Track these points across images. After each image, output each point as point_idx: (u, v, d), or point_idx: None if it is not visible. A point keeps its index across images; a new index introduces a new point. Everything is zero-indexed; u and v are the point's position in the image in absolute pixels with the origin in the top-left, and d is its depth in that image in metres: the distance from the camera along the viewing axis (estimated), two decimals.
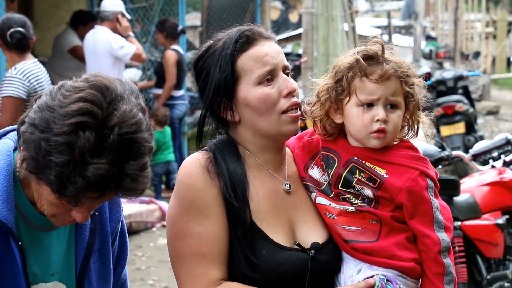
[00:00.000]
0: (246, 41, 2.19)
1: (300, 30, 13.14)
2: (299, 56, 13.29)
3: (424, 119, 2.30)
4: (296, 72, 12.78)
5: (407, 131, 2.29)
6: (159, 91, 9.44)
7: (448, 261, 2.17)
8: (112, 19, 8.05)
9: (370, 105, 2.20)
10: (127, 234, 2.25)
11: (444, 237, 2.17)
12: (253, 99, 2.17)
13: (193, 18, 20.21)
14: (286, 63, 2.23)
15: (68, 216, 1.89)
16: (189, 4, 18.76)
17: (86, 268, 2.05)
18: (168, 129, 9.09)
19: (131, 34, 8.25)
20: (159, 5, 10.77)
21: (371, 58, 2.21)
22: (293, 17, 25.40)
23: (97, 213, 2.07)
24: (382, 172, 2.18)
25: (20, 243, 1.92)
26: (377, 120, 2.18)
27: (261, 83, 2.17)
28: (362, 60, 2.20)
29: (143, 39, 11.01)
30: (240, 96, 2.18)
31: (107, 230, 2.12)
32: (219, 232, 2.13)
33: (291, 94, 2.18)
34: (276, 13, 24.18)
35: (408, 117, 2.27)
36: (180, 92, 9.48)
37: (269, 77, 2.17)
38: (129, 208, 7.55)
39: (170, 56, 9.21)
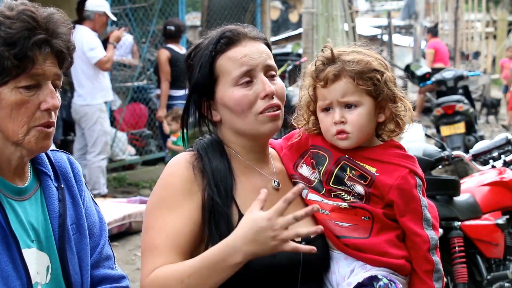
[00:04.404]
0: (227, 42, 2.19)
1: (300, 30, 13.15)
2: (299, 56, 13.30)
3: (402, 111, 2.27)
4: (296, 72, 12.77)
5: (390, 126, 2.29)
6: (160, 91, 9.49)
7: (436, 258, 2.21)
8: (93, 19, 8.11)
9: (328, 109, 2.25)
10: (100, 211, 2.31)
11: (432, 235, 2.21)
12: (229, 100, 2.18)
13: (193, 18, 20.24)
14: (269, 63, 2.21)
15: (42, 116, 1.98)
16: (189, 4, 18.77)
17: (64, 237, 2.10)
18: None
19: (114, 43, 8.28)
20: (158, 5, 10.77)
21: (323, 64, 2.25)
22: (293, 17, 25.43)
23: (63, 186, 2.15)
24: (372, 170, 2.21)
25: None
26: (335, 122, 2.22)
27: (238, 84, 2.17)
28: (311, 69, 2.25)
29: (143, 39, 11.00)
30: (218, 96, 2.20)
31: (79, 203, 2.19)
32: (183, 227, 2.11)
33: (268, 96, 2.18)
34: (276, 13, 24.21)
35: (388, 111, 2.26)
36: (181, 92, 9.49)
37: (248, 79, 2.17)
38: (129, 208, 7.56)
39: (161, 54, 9.34)
